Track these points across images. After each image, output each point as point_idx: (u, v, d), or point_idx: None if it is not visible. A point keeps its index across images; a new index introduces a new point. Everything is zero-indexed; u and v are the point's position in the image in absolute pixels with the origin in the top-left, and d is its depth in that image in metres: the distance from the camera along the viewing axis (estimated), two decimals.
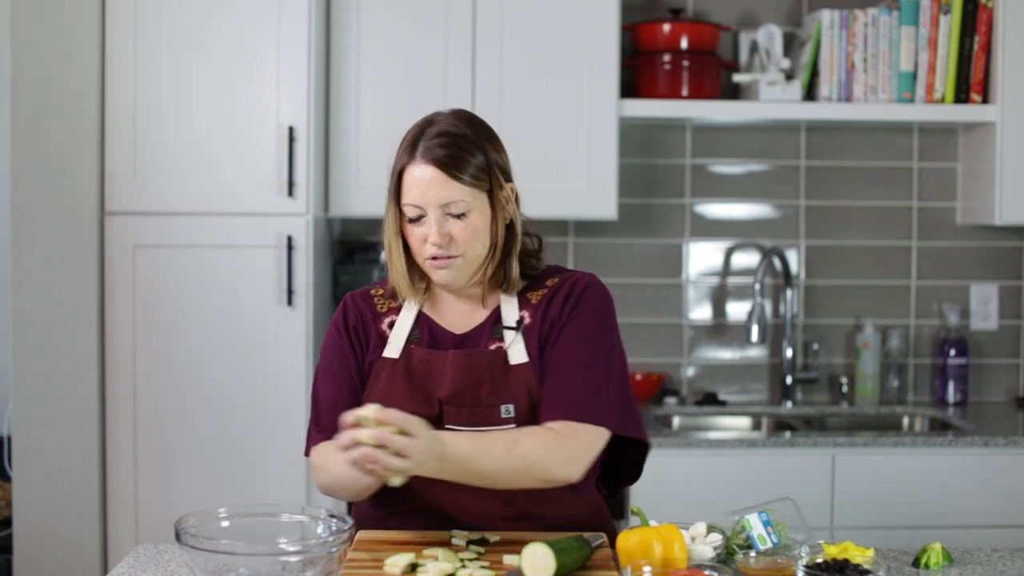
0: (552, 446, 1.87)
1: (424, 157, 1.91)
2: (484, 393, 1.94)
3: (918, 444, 3.15)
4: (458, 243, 1.93)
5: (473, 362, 1.96)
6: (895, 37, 3.43)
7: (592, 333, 1.98)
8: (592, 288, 2.02)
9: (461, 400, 1.94)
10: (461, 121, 1.97)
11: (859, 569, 1.69)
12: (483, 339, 1.99)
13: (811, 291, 3.72)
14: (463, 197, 1.92)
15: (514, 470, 1.85)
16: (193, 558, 1.70)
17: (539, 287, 2.02)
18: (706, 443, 3.15)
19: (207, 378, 3.08)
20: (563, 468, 1.88)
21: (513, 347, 1.97)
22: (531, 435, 1.88)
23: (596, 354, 1.96)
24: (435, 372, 1.97)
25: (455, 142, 1.92)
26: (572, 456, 1.89)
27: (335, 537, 1.72)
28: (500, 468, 1.84)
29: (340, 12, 3.28)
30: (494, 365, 1.96)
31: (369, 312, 2.05)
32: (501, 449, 1.84)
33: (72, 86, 3.06)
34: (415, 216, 1.94)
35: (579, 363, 1.95)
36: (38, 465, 3.07)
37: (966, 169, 3.66)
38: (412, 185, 1.92)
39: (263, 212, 3.08)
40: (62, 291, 3.07)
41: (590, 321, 1.98)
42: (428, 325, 2.02)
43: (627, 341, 3.63)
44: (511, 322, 1.99)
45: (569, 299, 1.99)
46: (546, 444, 1.87)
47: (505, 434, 1.88)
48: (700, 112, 3.45)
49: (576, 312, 1.98)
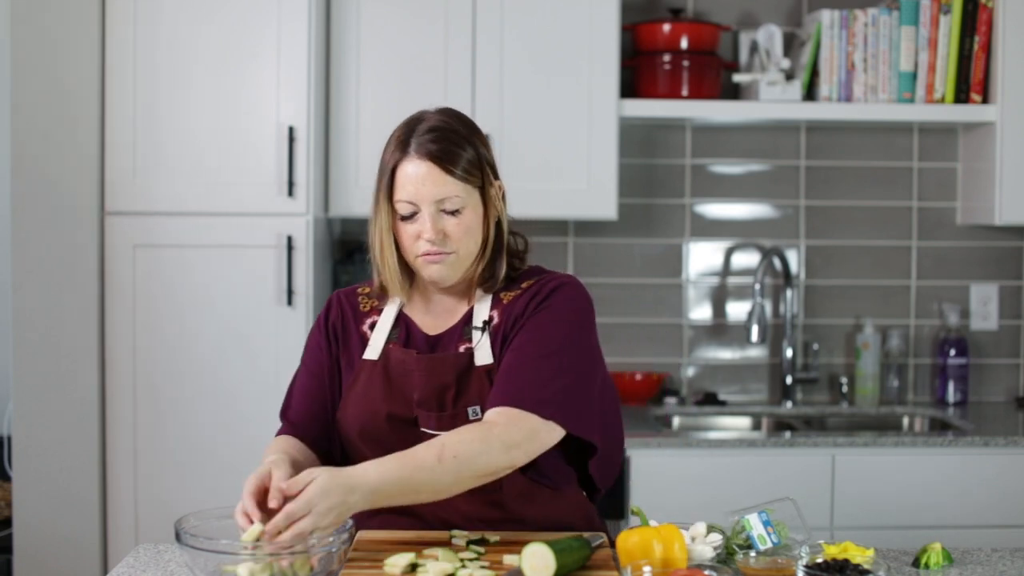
0: (483, 438, 1.81)
1: (418, 153, 1.91)
2: (450, 397, 1.93)
3: (918, 444, 3.15)
4: (452, 239, 1.92)
5: (437, 367, 1.95)
6: (895, 37, 3.43)
7: (553, 326, 1.93)
8: (565, 287, 1.98)
9: (430, 404, 1.94)
10: (450, 117, 1.97)
11: (859, 569, 1.69)
12: (454, 341, 1.98)
13: (811, 291, 3.72)
14: (457, 192, 1.91)
15: (452, 474, 1.78)
16: (193, 558, 1.70)
17: (514, 288, 2.00)
18: (706, 443, 3.15)
19: (207, 378, 3.08)
20: (499, 457, 1.81)
21: (479, 348, 1.96)
22: (459, 434, 1.82)
23: (553, 346, 1.91)
24: (410, 373, 1.97)
25: (447, 137, 1.92)
26: (507, 443, 1.82)
27: (335, 537, 1.72)
28: (437, 478, 1.78)
29: (340, 12, 3.28)
30: (459, 368, 1.94)
31: (351, 311, 2.05)
32: (432, 459, 1.77)
33: (72, 86, 3.06)
34: (408, 213, 1.93)
35: (532, 354, 1.90)
36: (38, 465, 3.08)
37: (966, 169, 3.66)
38: (406, 181, 1.91)
39: (263, 212, 3.08)
40: (62, 291, 3.07)
41: (554, 316, 1.94)
42: (406, 324, 2.02)
43: (627, 341, 3.68)
44: (479, 322, 1.97)
45: (536, 297, 1.96)
46: (476, 439, 1.81)
47: (433, 443, 1.81)
48: (700, 112, 3.45)
49: (541, 307, 1.95)
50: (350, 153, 3.29)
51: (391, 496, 1.77)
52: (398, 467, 1.77)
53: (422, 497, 1.80)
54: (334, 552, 1.71)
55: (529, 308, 1.95)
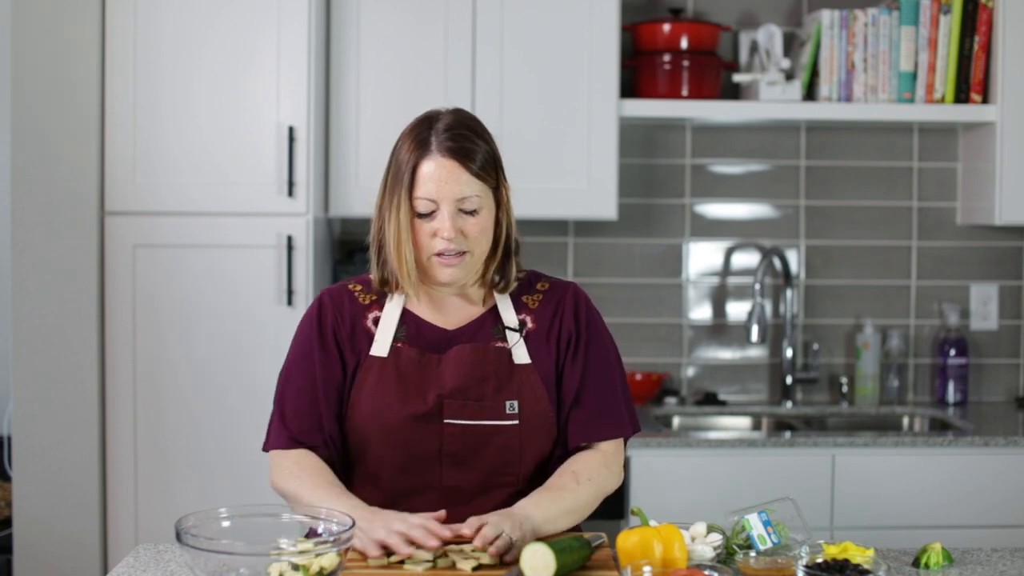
0: (607, 464, 2.01)
1: (439, 150, 1.92)
2: (490, 388, 1.96)
3: (918, 444, 3.15)
4: (469, 239, 1.94)
5: (479, 358, 1.98)
6: (895, 37, 3.43)
7: (609, 350, 2.07)
8: (589, 300, 2.10)
9: (465, 394, 1.96)
10: (464, 117, 2.00)
11: (859, 569, 1.69)
12: (482, 336, 2.00)
13: (811, 291, 3.72)
14: (476, 192, 1.93)
15: (592, 495, 1.97)
16: (193, 558, 1.70)
17: (531, 291, 2.06)
18: (706, 443, 3.15)
19: (207, 378, 3.08)
20: (615, 481, 2.03)
21: (517, 348, 2.00)
22: (584, 461, 2.00)
23: (614, 370, 2.07)
24: (429, 369, 1.98)
25: (465, 135, 1.95)
26: (618, 469, 2.04)
27: (335, 537, 1.72)
28: (581, 499, 1.95)
29: (340, 12, 3.28)
30: (500, 362, 1.98)
31: (351, 307, 2.04)
32: (572, 483, 1.95)
33: (72, 86, 3.05)
34: (427, 211, 1.94)
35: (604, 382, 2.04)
36: (38, 465, 3.07)
37: (966, 169, 3.66)
38: (427, 179, 1.92)
39: (263, 212, 3.08)
40: (62, 291, 3.07)
41: (605, 337, 2.08)
42: (414, 323, 2.03)
43: (627, 340, 3.68)
44: (512, 323, 2.02)
45: (579, 314, 2.06)
46: (602, 464, 2.01)
47: (564, 470, 1.98)
48: (700, 112, 3.45)
49: (591, 329, 2.06)
50: (350, 153, 3.29)
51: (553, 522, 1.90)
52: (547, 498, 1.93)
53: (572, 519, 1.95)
54: (334, 552, 1.71)
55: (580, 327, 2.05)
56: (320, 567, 1.68)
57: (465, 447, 1.96)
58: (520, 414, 1.96)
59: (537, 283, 2.08)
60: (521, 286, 2.06)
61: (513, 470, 1.98)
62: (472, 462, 1.97)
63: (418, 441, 1.96)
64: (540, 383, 1.99)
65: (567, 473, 1.96)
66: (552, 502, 1.91)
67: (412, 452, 1.96)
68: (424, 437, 1.95)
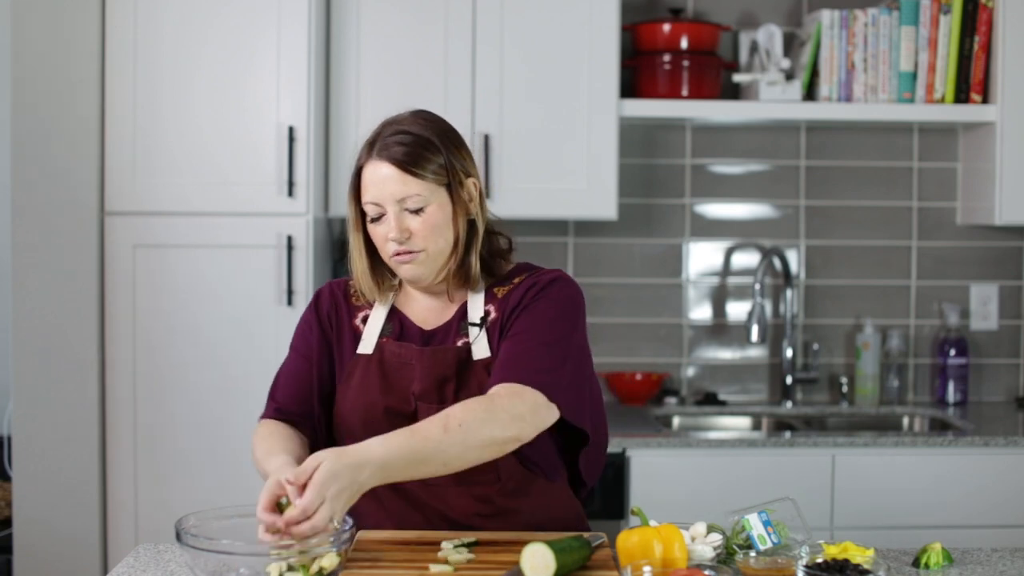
0: (488, 408, 1.82)
1: (380, 155, 1.94)
2: (450, 390, 1.96)
3: (918, 444, 3.15)
4: (417, 238, 1.95)
5: (438, 360, 1.98)
6: (895, 37, 3.43)
7: (555, 316, 1.96)
8: (560, 282, 2.00)
9: (430, 397, 1.96)
10: (420, 120, 1.99)
11: (859, 569, 1.69)
12: (450, 336, 2.01)
13: (811, 291, 3.72)
14: (419, 191, 1.93)
15: (459, 444, 1.79)
16: (193, 558, 1.70)
17: (507, 283, 2.04)
18: (706, 443, 3.15)
19: (207, 378, 3.08)
20: (505, 427, 1.82)
21: (477, 342, 1.98)
22: (463, 405, 1.84)
23: (554, 336, 1.94)
24: (407, 367, 1.99)
25: (412, 139, 1.95)
26: (513, 414, 1.83)
27: (335, 537, 1.72)
28: (444, 448, 1.78)
29: (340, 12, 3.28)
30: (459, 362, 1.98)
31: (344, 303, 2.08)
32: (437, 429, 1.79)
33: (72, 86, 3.06)
34: (376, 215, 1.96)
35: (534, 341, 1.93)
36: (38, 465, 3.08)
37: (966, 169, 3.66)
38: (369, 183, 1.95)
39: (263, 212, 3.08)
40: (62, 291, 3.07)
41: (554, 307, 1.96)
42: (400, 319, 2.05)
43: (627, 340, 3.68)
44: (476, 318, 2.01)
45: (532, 288, 1.98)
46: (481, 408, 1.82)
47: (437, 415, 1.82)
48: (700, 112, 3.45)
49: (539, 297, 1.97)
50: (350, 153, 3.27)
51: (399, 469, 1.76)
52: (404, 439, 1.77)
53: (430, 469, 1.79)
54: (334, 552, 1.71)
55: (527, 297, 1.97)
56: (320, 567, 1.68)
57: None
58: None
59: (517, 276, 2.04)
60: (501, 280, 2.04)
61: (488, 465, 1.92)
62: None
63: None
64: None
65: (438, 417, 1.81)
66: (404, 444, 1.76)
67: None
68: None
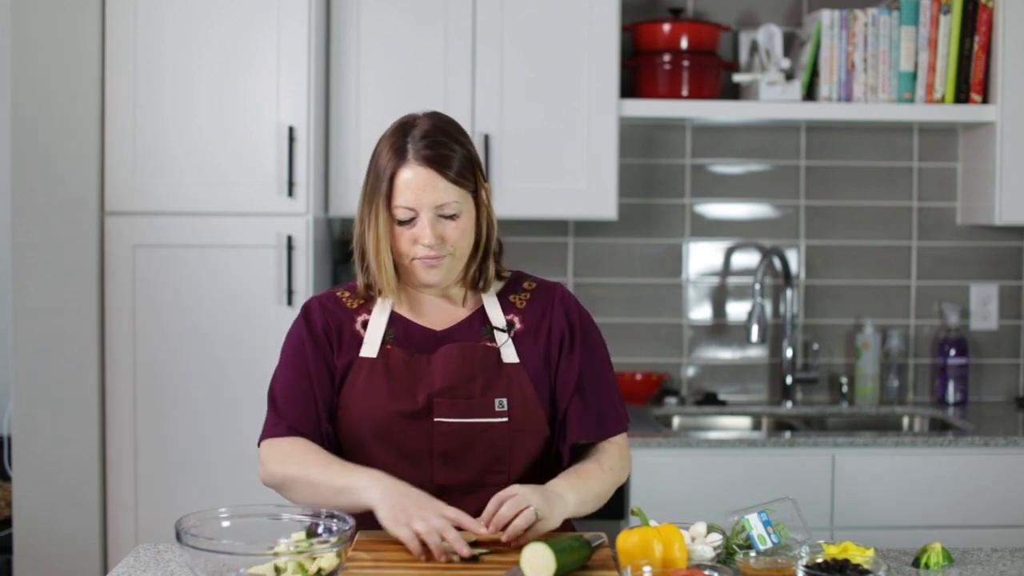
0: (620, 456, 2.06)
1: (416, 159, 1.94)
2: (479, 386, 1.98)
3: (918, 444, 3.15)
4: (449, 243, 1.96)
5: (467, 357, 1.99)
6: (895, 37, 3.43)
7: (602, 348, 2.10)
8: (578, 301, 2.12)
9: (454, 392, 1.98)
10: (440, 121, 2.00)
11: (859, 569, 1.69)
12: (471, 336, 2.03)
13: (811, 291, 3.72)
14: (455, 198, 1.95)
15: (610, 484, 2.02)
16: (193, 558, 1.70)
17: (518, 291, 2.08)
18: (706, 443, 3.15)
19: (207, 378, 3.08)
20: (626, 474, 2.09)
21: (505, 347, 2.02)
22: (606, 453, 2.03)
23: (609, 369, 2.10)
24: (419, 369, 1.99)
25: (441, 142, 1.96)
26: (628, 463, 2.10)
27: (335, 537, 1.72)
28: (603, 487, 2.00)
29: (340, 12, 3.28)
30: (487, 361, 2.00)
31: (339, 312, 2.06)
32: (598, 470, 2.00)
33: (72, 86, 3.06)
34: (407, 218, 1.96)
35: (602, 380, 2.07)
36: (38, 465, 3.08)
37: (966, 169, 3.66)
38: (405, 188, 1.94)
39: (263, 212, 3.08)
40: (62, 291, 3.07)
41: (598, 336, 2.10)
42: (403, 324, 2.05)
43: (627, 340, 3.68)
44: (500, 324, 2.04)
45: (571, 314, 2.07)
46: (620, 456, 2.06)
47: (590, 460, 2.01)
48: (700, 112, 3.45)
49: (585, 328, 2.08)
50: (350, 153, 3.29)
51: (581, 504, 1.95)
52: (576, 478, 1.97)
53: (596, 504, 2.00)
54: (334, 552, 1.71)
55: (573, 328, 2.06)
56: (319, 568, 1.68)
57: (455, 445, 1.98)
58: (509, 411, 1.98)
59: (523, 283, 2.10)
60: (507, 286, 2.09)
61: (503, 468, 1.99)
62: (462, 460, 1.98)
63: (409, 440, 1.98)
64: (528, 382, 2.01)
65: (591, 461, 2.00)
66: (585, 485, 1.96)
67: (403, 451, 1.98)
68: (415, 436, 1.98)
